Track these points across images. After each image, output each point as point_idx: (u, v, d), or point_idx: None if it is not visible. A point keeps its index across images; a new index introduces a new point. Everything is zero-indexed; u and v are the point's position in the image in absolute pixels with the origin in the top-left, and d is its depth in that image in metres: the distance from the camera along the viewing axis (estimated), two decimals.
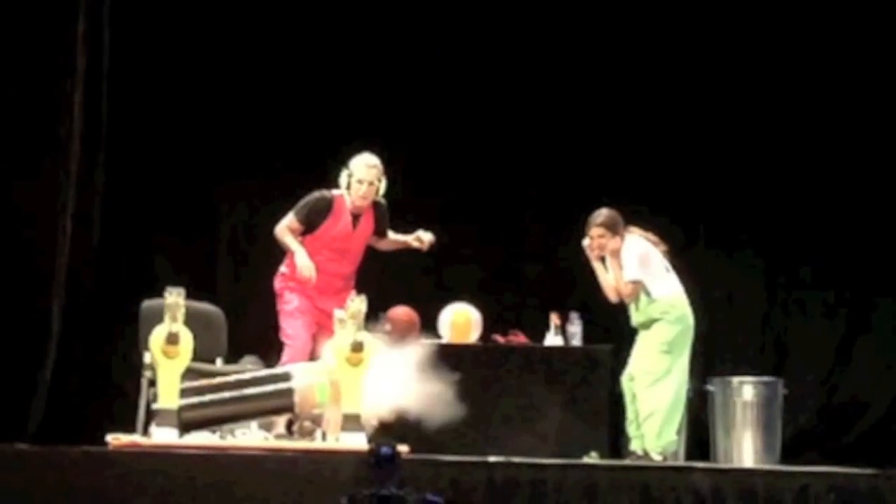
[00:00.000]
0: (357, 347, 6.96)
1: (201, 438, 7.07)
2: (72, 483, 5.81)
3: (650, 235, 8.81)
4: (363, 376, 7.01)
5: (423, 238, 8.54)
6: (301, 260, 8.23)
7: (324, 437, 7.29)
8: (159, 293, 8.93)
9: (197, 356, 8.32)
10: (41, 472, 5.87)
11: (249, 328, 9.20)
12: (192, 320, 8.78)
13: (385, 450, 4.57)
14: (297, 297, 8.28)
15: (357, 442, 6.81)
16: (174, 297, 6.92)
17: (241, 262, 10.04)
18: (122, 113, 10.05)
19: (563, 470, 6.34)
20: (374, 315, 9.49)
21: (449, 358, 8.58)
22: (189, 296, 9.05)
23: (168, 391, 6.83)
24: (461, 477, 6.05)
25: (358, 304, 7.14)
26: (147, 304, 8.71)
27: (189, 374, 7.50)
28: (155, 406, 6.94)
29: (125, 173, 10.09)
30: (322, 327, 8.21)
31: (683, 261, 8.93)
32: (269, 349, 8.56)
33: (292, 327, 8.28)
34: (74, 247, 9.69)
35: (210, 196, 10.37)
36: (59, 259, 9.61)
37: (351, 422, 6.90)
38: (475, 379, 8.90)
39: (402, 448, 5.41)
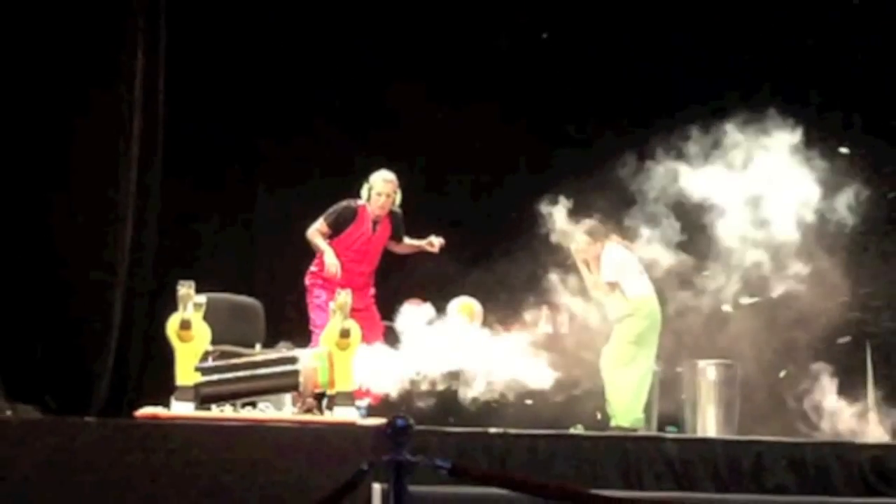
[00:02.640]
0: (345, 334, 6.92)
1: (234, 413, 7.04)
2: (99, 447, 5.77)
3: (627, 243, 8.86)
4: (352, 359, 6.98)
5: (434, 242, 8.59)
6: (329, 258, 8.25)
7: (322, 410, 7.25)
8: (206, 287, 9.01)
9: (238, 342, 8.36)
10: (73, 440, 5.84)
11: (285, 318, 9.18)
12: (234, 311, 8.83)
13: (400, 422, 4.56)
14: (325, 292, 8.30)
15: (349, 415, 6.76)
16: (185, 289, 6.89)
17: (277, 260, 10.03)
18: (179, 124, 10.05)
19: (552, 439, 6.35)
20: (392, 306, 9.60)
21: None
22: (232, 290, 9.14)
23: (184, 370, 6.78)
24: (465, 445, 6.06)
25: (344, 297, 7.10)
26: None
27: (230, 357, 7.50)
28: (177, 383, 6.88)
29: (177, 183, 10.10)
30: None
31: None
32: (302, 337, 8.57)
33: (320, 318, 8.29)
34: (134, 244, 9.71)
35: (251, 207, 10.44)
36: (119, 254, 9.63)
37: (344, 398, 6.87)
38: None
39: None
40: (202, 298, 6.94)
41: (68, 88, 9.20)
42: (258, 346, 8.60)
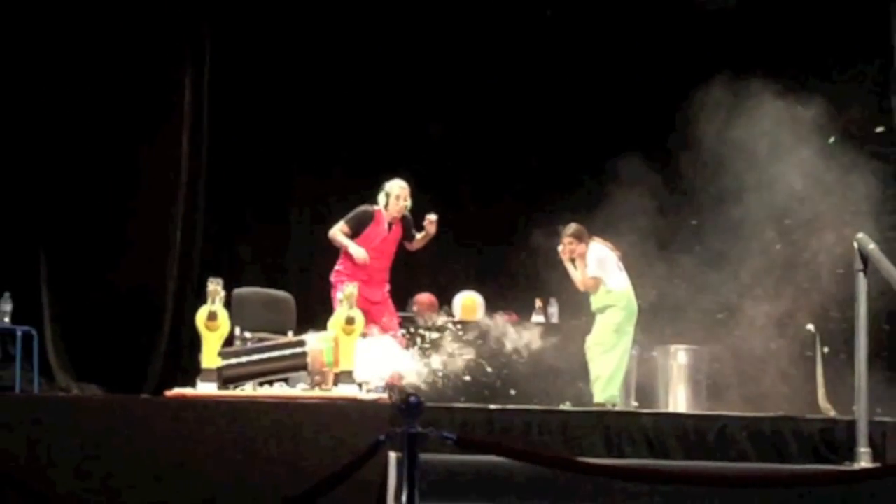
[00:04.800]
0: (350, 321, 6.82)
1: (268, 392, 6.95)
2: (134, 420, 5.72)
3: (608, 243, 8.86)
4: (355, 342, 6.89)
5: (430, 218, 8.44)
6: (355, 249, 8.18)
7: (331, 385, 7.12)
8: (247, 283, 9.02)
9: (273, 329, 8.33)
10: (116, 413, 5.80)
11: (313, 309, 9.14)
12: (270, 303, 8.80)
13: (413, 399, 4.54)
14: None
15: (350, 391, 6.68)
16: (214, 286, 6.77)
17: (307, 261, 10.02)
18: (221, 150, 10.09)
19: (545, 414, 6.31)
20: (404, 299, 9.57)
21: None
22: (268, 285, 9.12)
23: (210, 355, 6.66)
24: (469, 419, 6.02)
25: (351, 289, 7.01)
26: (237, 291, 8.71)
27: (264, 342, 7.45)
28: (202, 367, 6.80)
29: (221, 195, 10.13)
30: (367, 312, 8.16)
31: None
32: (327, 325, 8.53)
33: None
34: (183, 246, 9.74)
35: (286, 215, 10.46)
36: (170, 255, 9.64)
37: (346, 376, 6.80)
38: None
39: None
40: (223, 293, 6.84)
41: (134, 122, 9.55)
42: (290, 333, 8.57)
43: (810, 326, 9.55)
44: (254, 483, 5.50)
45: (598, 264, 8.70)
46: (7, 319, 8.61)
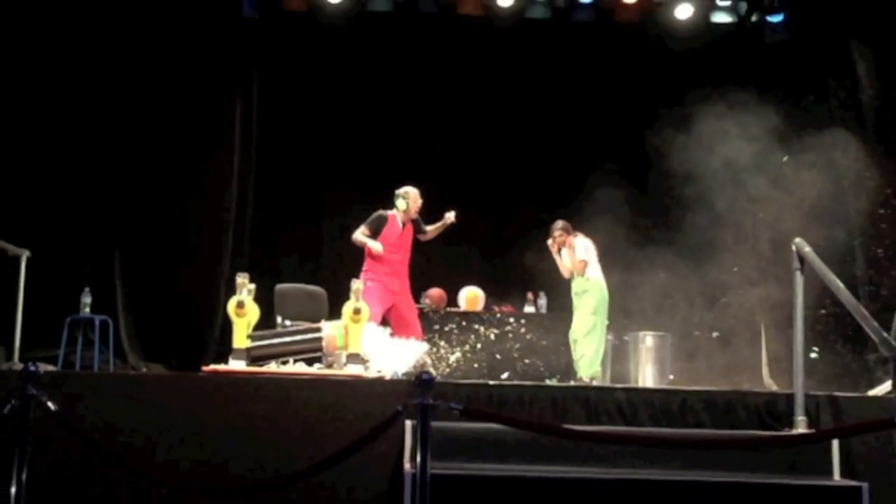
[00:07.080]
0: (357, 311, 6.80)
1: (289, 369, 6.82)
2: (184, 392, 5.67)
3: (588, 238, 8.92)
4: (362, 329, 6.85)
5: (449, 216, 8.46)
6: (372, 244, 8.18)
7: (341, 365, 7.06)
8: (285, 280, 9.01)
9: (309, 318, 8.31)
10: (170, 387, 5.78)
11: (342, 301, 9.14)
12: (306, 296, 8.79)
13: (426, 376, 4.56)
14: (374, 284, 8.21)
15: (357, 370, 6.66)
16: (241, 279, 6.75)
17: (337, 260, 10.03)
18: (266, 170, 10.13)
19: (536, 388, 6.31)
20: (418, 293, 9.58)
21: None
22: (305, 281, 9.13)
23: (240, 337, 6.63)
24: (472, 393, 6.02)
25: (357, 284, 7.00)
26: (279, 286, 8.72)
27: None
28: (233, 347, 6.78)
29: (266, 207, 10.16)
30: (394, 304, 8.18)
31: None
32: None
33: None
34: (234, 249, 9.75)
35: (319, 223, 10.48)
36: (223, 256, 9.66)
37: (354, 358, 6.77)
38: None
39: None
40: (252, 286, 6.83)
41: (195, 146, 9.62)
42: (323, 321, 8.57)
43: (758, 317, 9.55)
44: (287, 447, 5.49)
45: (585, 250, 8.82)
46: (87, 310, 8.66)
